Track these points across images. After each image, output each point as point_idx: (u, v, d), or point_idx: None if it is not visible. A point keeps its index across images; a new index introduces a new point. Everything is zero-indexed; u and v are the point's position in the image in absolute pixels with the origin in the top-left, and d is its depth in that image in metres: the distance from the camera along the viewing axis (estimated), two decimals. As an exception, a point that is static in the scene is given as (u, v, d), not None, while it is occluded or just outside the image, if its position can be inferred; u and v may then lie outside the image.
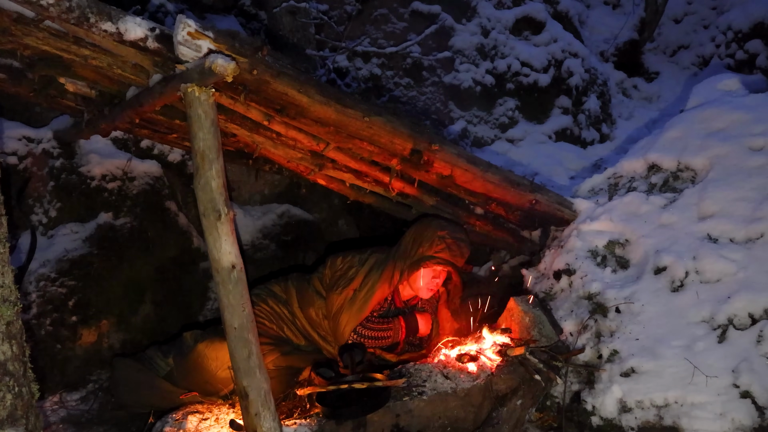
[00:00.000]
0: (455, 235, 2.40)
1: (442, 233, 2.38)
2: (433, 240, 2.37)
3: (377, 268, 2.45)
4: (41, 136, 2.81)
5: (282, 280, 2.61)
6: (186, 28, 1.56)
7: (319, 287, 2.53)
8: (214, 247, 1.72)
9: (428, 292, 2.48)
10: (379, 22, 5.02)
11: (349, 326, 2.37)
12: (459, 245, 2.39)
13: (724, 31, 6.25)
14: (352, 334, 2.38)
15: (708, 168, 2.45)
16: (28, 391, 1.46)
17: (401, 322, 2.47)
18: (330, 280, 2.50)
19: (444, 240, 2.36)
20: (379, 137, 2.15)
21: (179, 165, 3.19)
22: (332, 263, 2.54)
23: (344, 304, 2.39)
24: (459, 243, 2.40)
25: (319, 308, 2.49)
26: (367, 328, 2.42)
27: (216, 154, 1.72)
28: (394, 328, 2.46)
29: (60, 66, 2.07)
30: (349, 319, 2.37)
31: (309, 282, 2.57)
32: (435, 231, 2.39)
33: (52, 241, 2.72)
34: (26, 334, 1.49)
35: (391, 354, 2.47)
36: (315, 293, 2.52)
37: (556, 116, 5.31)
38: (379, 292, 2.40)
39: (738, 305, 2.06)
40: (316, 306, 2.49)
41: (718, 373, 1.97)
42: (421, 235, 2.41)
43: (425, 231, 2.41)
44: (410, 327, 2.48)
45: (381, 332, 2.43)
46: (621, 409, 2.07)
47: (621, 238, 2.47)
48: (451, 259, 2.38)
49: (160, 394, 2.33)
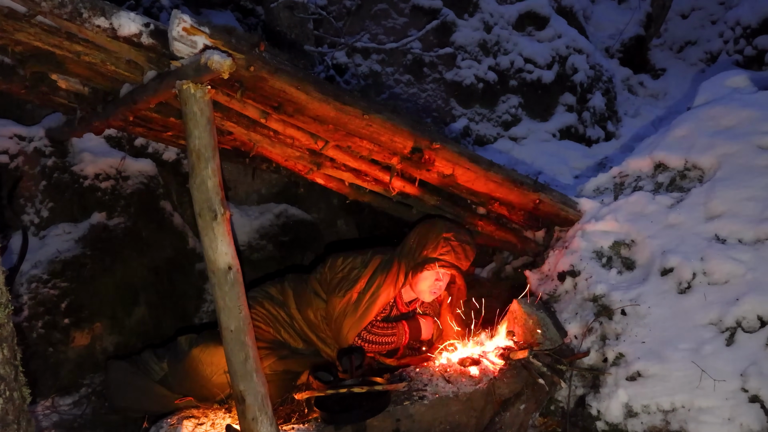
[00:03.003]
0: (461, 238, 2.37)
1: (447, 235, 2.34)
2: (438, 242, 2.34)
3: (381, 270, 2.40)
4: (33, 134, 2.80)
5: (278, 282, 2.56)
6: (181, 24, 1.55)
7: (318, 288, 2.48)
8: (210, 248, 1.71)
9: (431, 295, 2.44)
10: (378, 17, 4.97)
11: (353, 331, 2.32)
12: (464, 248, 2.36)
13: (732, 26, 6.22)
14: (356, 339, 2.33)
15: (716, 167, 2.43)
16: (20, 396, 1.45)
17: (405, 326, 2.44)
18: (331, 281, 2.44)
19: (449, 242, 2.34)
20: (379, 135, 2.14)
21: (174, 164, 3.17)
22: (332, 264, 2.48)
23: (347, 308, 2.33)
24: (464, 246, 2.37)
25: (317, 309, 2.44)
26: (372, 333, 2.37)
27: (212, 152, 1.71)
28: (397, 332, 2.42)
29: (52, 62, 2.07)
30: (353, 324, 2.31)
31: (306, 282, 2.52)
32: (440, 233, 2.35)
33: (44, 242, 2.70)
34: (18, 336, 1.48)
35: (391, 359, 2.44)
36: (313, 294, 2.47)
37: (560, 114, 5.28)
38: (384, 295, 2.36)
39: (746, 307, 2.04)
40: (315, 307, 2.44)
41: (726, 377, 1.95)
42: (426, 237, 2.37)
43: (430, 232, 2.38)
44: (413, 332, 2.45)
45: (385, 337, 2.39)
46: (627, 413, 2.06)
47: (627, 238, 2.44)
48: (455, 262, 2.35)
49: (155, 399, 2.30)
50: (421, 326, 2.47)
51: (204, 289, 3.08)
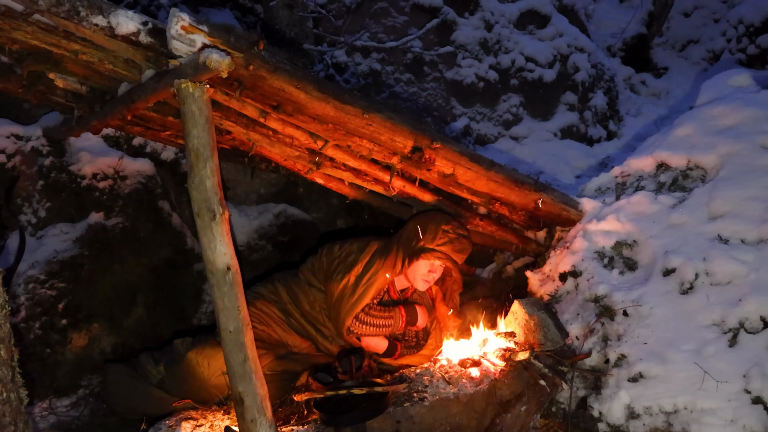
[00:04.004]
0: (459, 231, 2.40)
1: (446, 227, 2.37)
2: (437, 232, 2.36)
3: (379, 255, 2.42)
4: (30, 133, 2.79)
5: (267, 281, 2.57)
6: (179, 22, 1.54)
7: (311, 278, 2.49)
8: (209, 248, 1.70)
9: (424, 284, 2.46)
10: (378, 15, 4.95)
11: (350, 313, 2.31)
12: (461, 241, 2.39)
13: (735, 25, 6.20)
14: (353, 320, 2.32)
15: (719, 166, 2.43)
16: (17, 397, 1.45)
17: (401, 310, 2.44)
18: (328, 268, 2.45)
19: (447, 234, 2.36)
20: (379, 135, 2.13)
21: (172, 163, 3.16)
22: (329, 251, 2.49)
23: (344, 291, 2.34)
24: (462, 239, 2.40)
25: (315, 301, 2.45)
26: (369, 315, 2.37)
27: (210, 151, 1.70)
28: (394, 316, 2.42)
29: (49, 61, 2.05)
30: (350, 307, 2.32)
31: (297, 275, 2.54)
32: (440, 224, 2.38)
33: (41, 242, 2.69)
34: (14, 338, 1.47)
35: (389, 358, 2.43)
36: (307, 285, 2.49)
37: (561, 113, 5.26)
38: (381, 279, 2.38)
39: (749, 308, 2.03)
40: (311, 299, 2.46)
41: (729, 378, 1.95)
42: (426, 226, 2.40)
43: (430, 222, 2.41)
44: (410, 317, 2.46)
45: (382, 319, 2.39)
46: (629, 415, 2.05)
47: (629, 238, 2.43)
48: (451, 254, 2.37)
49: (153, 402, 2.29)
50: (417, 312, 2.48)
51: (203, 290, 3.07)
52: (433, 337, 2.52)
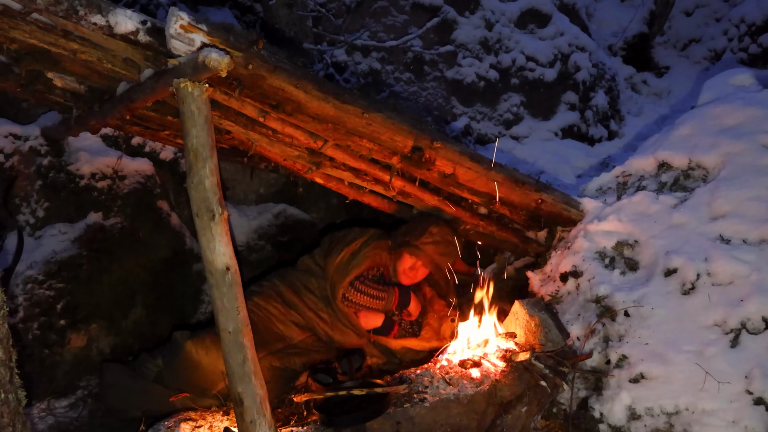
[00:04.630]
0: (446, 236, 2.53)
1: (434, 229, 2.53)
2: (424, 232, 2.52)
3: (377, 238, 2.59)
4: (28, 133, 2.78)
5: (264, 280, 2.64)
6: (178, 21, 1.53)
7: (310, 263, 2.62)
8: (208, 248, 1.69)
9: (406, 279, 2.61)
10: (378, 14, 4.93)
11: (345, 278, 2.44)
12: (447, 246, 2.52)
13: (736, 24, 6.18)
14: (348, 287, 2.44)
15: (720, 166, 2.42)
16: (15, 398, 1.44)
17: (396, 290, 2.55)
18: (328, 248, 2.59)
19: (433, 236, 2.51)
20: (379, 134, 2.12)
21: (171, 163, 3.15)
22: (332, 235, 2.66)
23: (341, 261, 2.49)
24: (447, 244, 2.53)
25: (314, 287, 2.54)
26: (364, 284, 2.50)
27: (209, 151, 1.69)
28: (388, 292, 2.53)
29: (48, 60, 2.04)
30: (346, 272, 2.46)
31: (295, 268, 2.63)
32: (429, 224, 2.54)
33: (39, 242, 2.68)
34: (13, 338, 1.47)
35: (387, 337, 2.52)
36: (304, 272, 2.59)
37: (562, 112, 5.25)
38: (377, 253, 2.53)
39: (751, 308, 2.03)
40: (309, 284, 2.54)
41: (731, 379, 1.94)
42: (418, 224, 2.59)
43: (423, 222, 2.59)
44: (403, 297, 2.57)
45: (376, 291, 2.51)
46: (630, 416, 2.05)
47: (630, 238, 2.42)
48: (433, 255, 2.50)
49: (150, 398, 2.29)
50: (411, 297, 2.59)
51: (202, 290, 3.06)
52: (426, 331, 2.62)
